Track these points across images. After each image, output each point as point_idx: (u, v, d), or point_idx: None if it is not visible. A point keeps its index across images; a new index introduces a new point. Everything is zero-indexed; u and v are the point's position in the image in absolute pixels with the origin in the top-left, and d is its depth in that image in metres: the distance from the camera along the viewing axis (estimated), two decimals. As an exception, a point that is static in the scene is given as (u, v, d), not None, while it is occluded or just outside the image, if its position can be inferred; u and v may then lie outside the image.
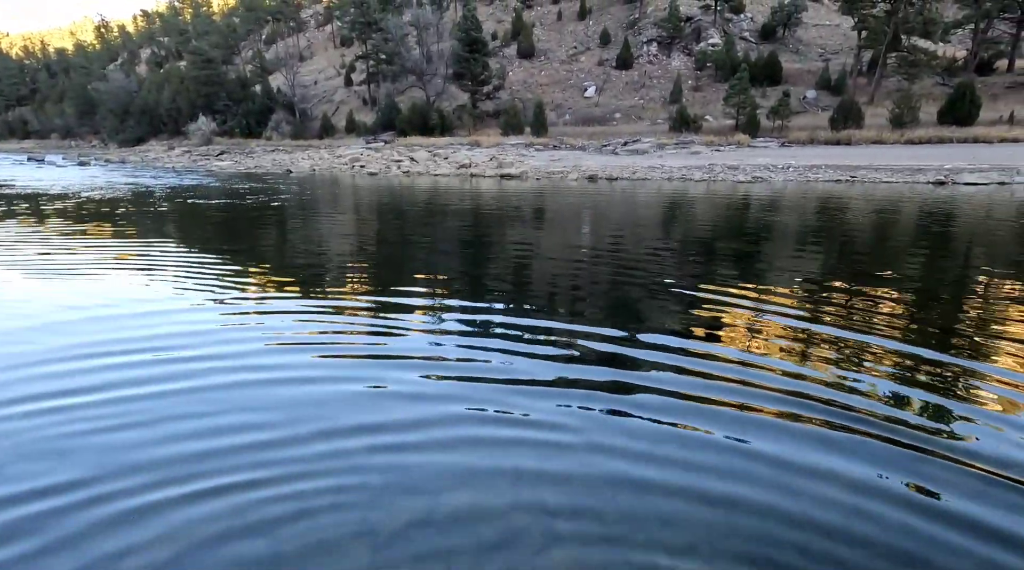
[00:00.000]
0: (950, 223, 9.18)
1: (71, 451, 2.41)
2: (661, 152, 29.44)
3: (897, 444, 2.46)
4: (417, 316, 4.36)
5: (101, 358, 3.38)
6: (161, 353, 3.47)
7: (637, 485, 2.18)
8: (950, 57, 36.40)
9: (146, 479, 2.21)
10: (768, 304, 4.51)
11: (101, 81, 67.78)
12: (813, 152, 25.75)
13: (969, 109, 28.59)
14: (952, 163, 18.06)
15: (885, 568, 1.77)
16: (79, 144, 64.11)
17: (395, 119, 44.31)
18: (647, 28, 50.62)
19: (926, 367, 3.26)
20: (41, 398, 2.88)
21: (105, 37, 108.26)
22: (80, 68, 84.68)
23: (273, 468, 2.29)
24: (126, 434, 2.54)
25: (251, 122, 52.26)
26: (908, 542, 1.89)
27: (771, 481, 2.20)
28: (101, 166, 32.67)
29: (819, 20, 51.54)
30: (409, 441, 2.50)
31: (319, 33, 79.33)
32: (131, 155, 42.91)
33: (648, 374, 3.18)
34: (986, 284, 5.27)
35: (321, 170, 25.73)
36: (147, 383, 3.04)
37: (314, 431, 2.57)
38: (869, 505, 2.06)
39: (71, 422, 2.65)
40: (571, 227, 9.44)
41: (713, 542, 1.89)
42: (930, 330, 3.94)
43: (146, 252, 7.10)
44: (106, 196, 14.49)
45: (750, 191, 14.46)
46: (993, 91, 33.41)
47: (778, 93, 35.48)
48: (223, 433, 2.56)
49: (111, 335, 3.79)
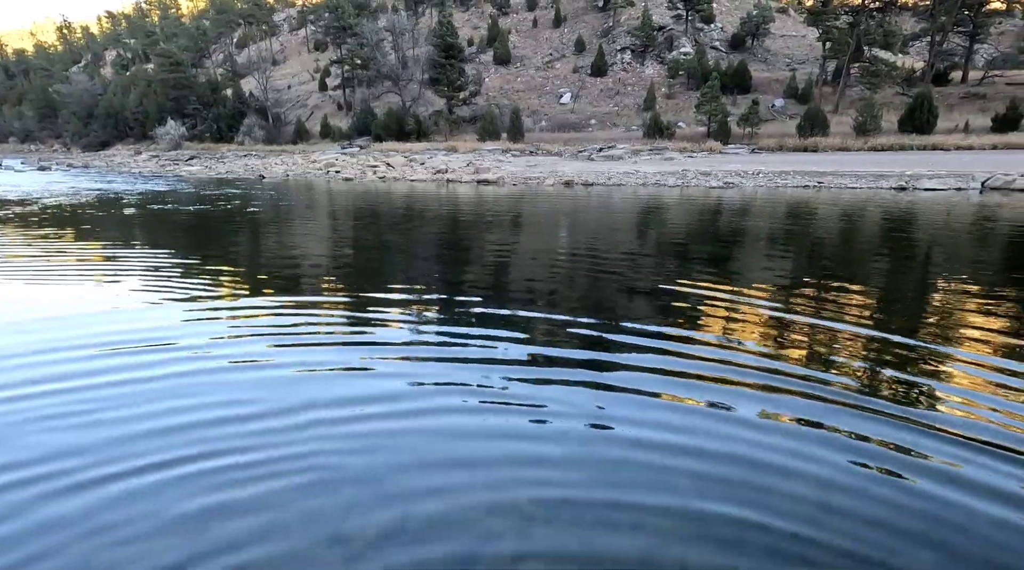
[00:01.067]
0: (911, 227, 9.53)
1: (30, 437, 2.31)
2: (636, 158, 29.87)
3: (874, 412, 2.53)
4: (392, 323, 4.31)
5: (64, 352, 3.26)
6: (115, 349, 3.36)
7: (614, 484, 2.19)
8: (909, 68, 37.96)
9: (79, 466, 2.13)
10: (743, 298, 4.61)
11: (63, 83, 65.67)
12: (782, 158, 26.47)
13: (927, 118, 29.80)
14: (912, 170, 18.77)
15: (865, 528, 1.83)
16: (39, 148, 61.89)
17: (371, 124, 43.99)
18: (621, 36, 51.47)
19: (895, 349, 3.38)
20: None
21: (68, 38, 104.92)
22: (41, 70, 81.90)
23: (245, 484, 2.23)
24: (79, 420, 2.45)
25: (222, 126, 51.21)
26: (891, 502, 1.94)
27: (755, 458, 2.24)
28: (63, 171, 31.57)
29: (786, 31, 53.18)
30: (380, 447, 2.46)
31: (293, 37, 78.35)
32: (95, 160, 41.56)
33: (625, 375, 3.21)
34: (946, 279, 5.48)
35: (295, 175, 25.35)
36: (103, 375, 2.94)
37: (286, 439, 2.51)
38: (848, 474, 2.11)
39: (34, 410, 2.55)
40: (549, 231, 9.49)
41: (686, 549, 1.91)
42: (895, 319, 4.08)
43: (108, 260, 6.88)
44: (68, 202, 14.00)
45: (723, 196, 14.77)
46: (949, 101, 34.91)
47: (748, 101, 36.41)
48: (187, 443, 2.48)
49: (71, 334, 3.65)
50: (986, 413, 2.78)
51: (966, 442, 2.51)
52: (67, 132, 60.16)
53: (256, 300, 4.93)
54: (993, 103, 33.06)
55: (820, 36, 38.50)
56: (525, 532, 1.94)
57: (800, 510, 2.06)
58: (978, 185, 15.62)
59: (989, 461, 2.38)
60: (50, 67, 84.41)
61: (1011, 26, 47.65)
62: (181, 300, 4.84)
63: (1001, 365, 3.35)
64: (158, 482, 2.22)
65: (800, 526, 1.97)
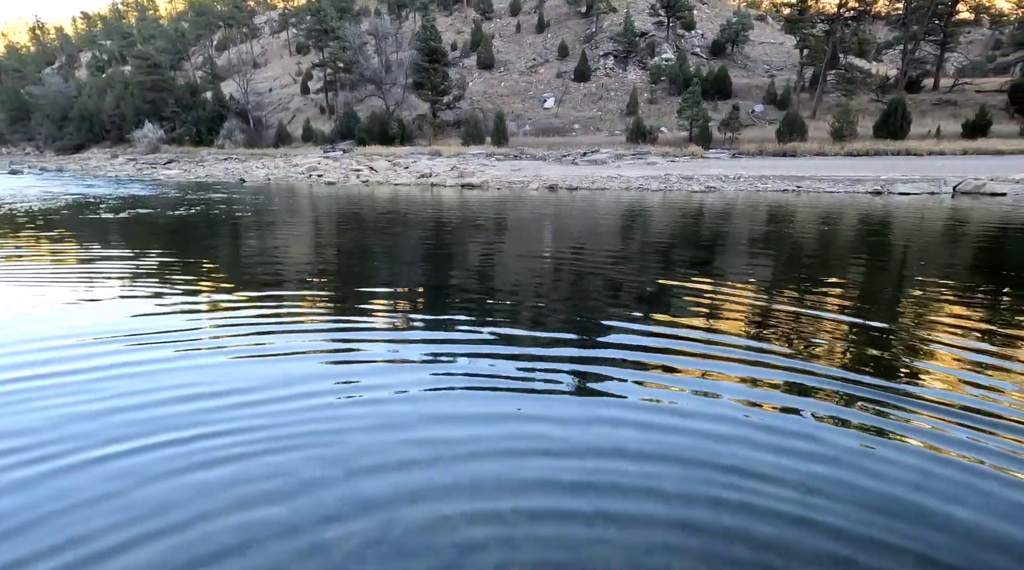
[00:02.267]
0: (888, 230, 9.73)
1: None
2: (619, 162, 30.11)
3: (857, 385, 2.56)
4: (373, 329, 4.26)
5: (44, 343, 3.15)
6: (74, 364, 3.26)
7: (597, 490, 2.17)
8: (883, 75, 38.93)
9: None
10: (727, 299, 4.65)
11: (36, 85, 64.10)
12: (762, 163, 26.90)
13: (901, 123, 30.57)
14: (887, 174, 19.22)
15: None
16: (11, 151, 60.25)
17: (354, 128, 43.67)
18: (603, 42, 51.94)
19: (874, 334, 3.43)
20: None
21: (41, 39, 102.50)
22: (12, 71, 79.74)
23: (219, 493, 2.17)
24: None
25: (202, 130, 50.41)
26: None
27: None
28: (36, 175, 30.77)
29: (765, 38, 54.19)
30: (361, 456, 2.42)
31: (274, 40, 77.55)
32: (70, 163, 40.60)
33: (608, 382, 3.20)
34: (921, 279, 5.60)
35: (277, 179, 25.04)
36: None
37: (261, 449, 2.45)
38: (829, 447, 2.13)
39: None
40: (534, 235, 9.49)
41: (672, 558, 1.89)
42: (874, 317, 4.15)
43: (82, 264, 6.70)
44: (41, 206, 13.62)
45: (704, 200, 14.95)
46: (922, 107, 35.87)
47: (728, 106, 36.97)
48: (164, 453, 2.40)
49: (51, 329, 3.53)
50: (961, 398, 2.92)
51: (943, 421, 2.56)
52: (40, 135, 58.70)
53: (232, 304, 4.82)
54: (963, 110, 34.05)
55: (797, 43, 39.30)
56: (509, 541, 1.91)
57: (785, 515, 2.06)
58: (950, 189, 16.04)
59: (967, 437, 2.53)
60: (22, 68, 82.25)
61: (979, 35, 49.26)
62: (155, 303, 4.72)
63: (976, 358, 3.42)
64: (141, 489, 2.14)
65: (785, 531, 1.98)
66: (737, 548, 1.89)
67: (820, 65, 38.21)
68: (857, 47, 38.18)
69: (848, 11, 37.69)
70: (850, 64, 37.25)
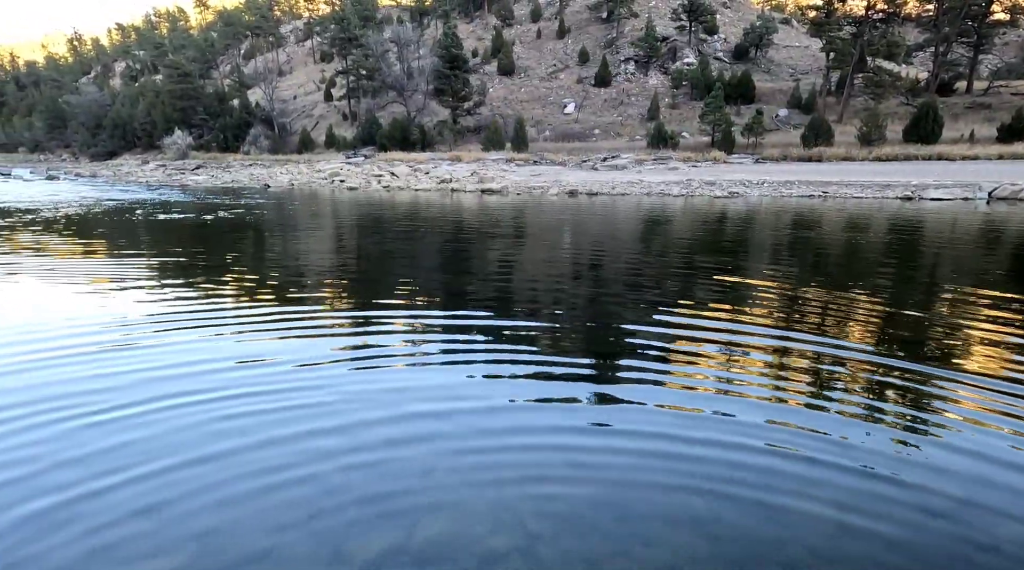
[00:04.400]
0: (919, 236, 9.45)
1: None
2: (640, 168, 29.92)
3: (886, 424, 2.46)
4: (393, 334, 4.27)
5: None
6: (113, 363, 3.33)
7: (620, 502, 2.12)
8: (913, 78, 37.97)
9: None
10: (750, 308, 4.54)
11: (73, 94, 66.53)
12: (786, 168, 26.45)
13: (932, 127, 29.77)
14: (918, 179, 18.70)
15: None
16: (48, 158, 62.55)
17: (376, 134, 44.30)
18: (624, 47, 51.81)
19: (906, 344, 3.31)
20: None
21: (78, 50, 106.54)
22: (51, 81, 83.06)
23: (245, 500, 2.18)
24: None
25: (228, 136, 51.71)
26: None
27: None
28: (71, 180, 31.86)
29: (789, 41, 53.43)
30: (383, 463, 2.41)
31: (299, 48, 79.24)
32: (103, 169, 41.96)
33: (632, 388, 3.15)
34: (953, 289, 5.40)
35: (300, 185, 25.48)
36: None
37: (284, 451, 2.46)
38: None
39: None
40: (552, 240, 9.45)
41: (698, 569, 1.84)
42: (903, 329, 4.01)
43: (115, 265, 6.87)
44: (76, 211, 14.08)
45: (727, 206, 14.73)
46: (954, 111, 34.91)
47: (752, 111, 36.50)
48: (185, 457, 2.43)
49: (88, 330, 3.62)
50: (1002, 407, 2.80)
51: (980, 456, 2.44)
52: (76, 142, 60.86)
53: (256, 305, 4.89)
54: (998, 113, 33.02)
55: (823, 47, 38.63)
56: (530, 552, 1.87)
57: (817, 528, 1.99)
58: (985, 195, 15.53)
59: (1009, 445, 2.38)
60: (60, 78, 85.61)
61: (1015, 36, 47.75)
62: (177, 302, 4.81)
63: (1017, 369, 3.27)
64: (164, 493, 2.17)
65: (820, 543, 1.90)
66: (768, 563, 1.83)
67: (847, 68, 37.47)
68: (886, 50, 37.31)
69: (877, 13, 36.92)
70: (878, 67, 36.44)
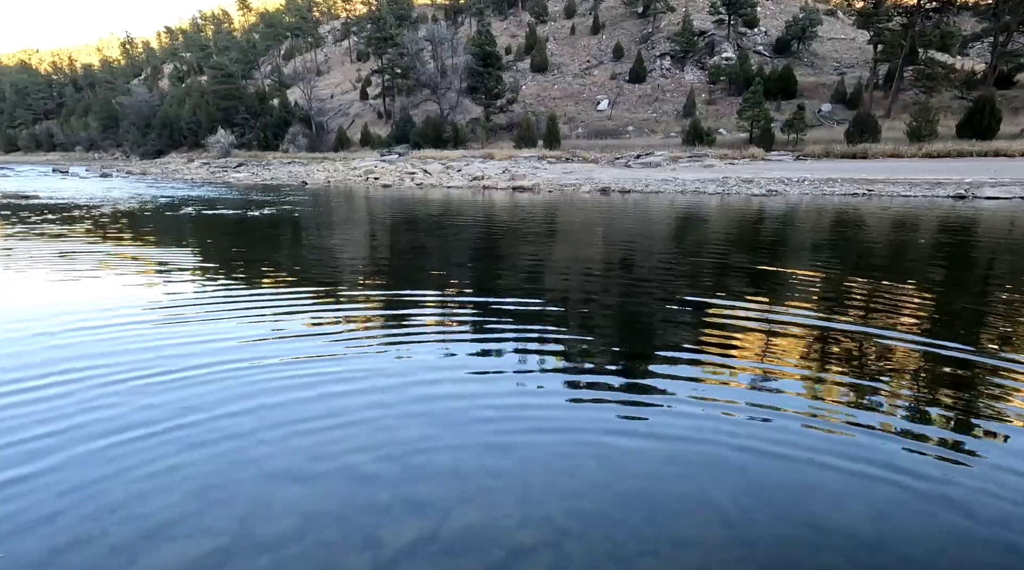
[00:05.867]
0: (972, 238, 8.98)
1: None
2: (674, 165, 29.38)
3: (929, 436, 2.37)
4: (424, 331, 4.33)
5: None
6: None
7: (650, 500, 2.11)
8: (968, 70, 36.01)
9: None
10: (788, 309, 4.42)
11: (125, 95, 69.74)
12: (829, 166, 25.52)
13: (989, 122, 28.20)
14: (973, 177, 17.75)
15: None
16: (102, 156, 65.76)
17: (409, 132, 44.88)
18: (660, 42, 50.92)
19: (953, 353, 3.16)
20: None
21: (130, 53, 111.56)
22: (105, 83, 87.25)
23: (282, 482, 2.26)
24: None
25: (268, 135, 53.28)
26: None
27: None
28: (123, 178, 33.42)
29: (834, 34, 51.47)
30: (416, 454, 2.45)
31: (336, 48, 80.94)
32: (152, 167, 43.86)
33: (663, 383, 3.11)
34: (1011, 296, 5.12)
35: (336, 182, 26.05)
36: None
37: (319, 440, 2.54)
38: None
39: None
40: (583, 238, 9.40)
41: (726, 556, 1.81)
42: (954, 336, 3.82)
43: (168, 258, 7.20)
44: (128, 207, 14.79)
45: (765, 204, 14.33)
46: (1014, 105, 32.99)
47: (793, 106, 35.35)
48: (222, 447, 2.54)
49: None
50: None
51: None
52: (127, 141, 63.77)
53: (293, 297, 5.04)
54: (1063, 107, 31.01)
55: (871, 39, 37.07)
56: (558, 548, 1.88)
57: (855, 535, 1.93)
58: (1047, 193, 14.62)
59: None
60: (113, 80, 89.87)
61: (1084, 24, 44.60)
62: (218, 292, 5.00)
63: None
64: (209, 465, 2.27)
65: (855, 551, 1.85)
66: (802, 565, 1.78)
67: (896, 61, 35.87)
68: (939, 40, 35.54)
69: (930, 2, 35.17)
70: (931, 59, 34.74)
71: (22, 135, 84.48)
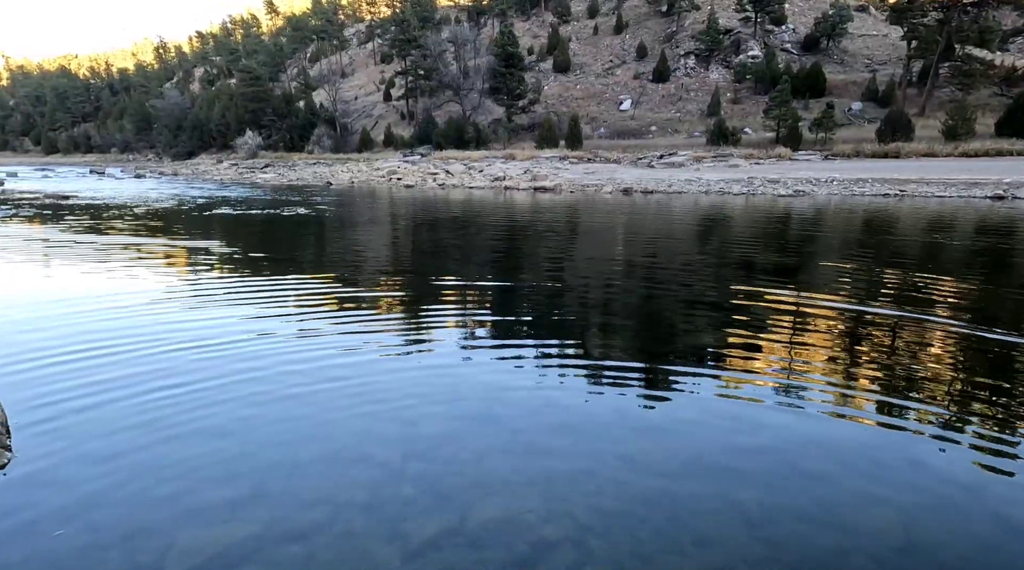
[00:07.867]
0: (1010, 239, 8.67)
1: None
2: (698, 165, 29.00)
3: (957, 440, 2.31)
4: (448, 328, 4.38)
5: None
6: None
7: (673, 499, 2.11)
8: (1009, 66, 34.61)
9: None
10: (812, 313, 4.34)
11: (158, 99, 71.79)
12: (859, 165, 24.88)
13: (1030, 120, 27.11)
14: (1012, 177, 17.10)
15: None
16: (136, 158, 67.84)
17: (432, 133, 45.22)
18: (685, 41, 50.28)
19: (989, 357, 3.07)
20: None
21: (163, 57, 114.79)
22: (139, 86, 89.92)
23: (309, 475, 2.33)
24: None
25: (294, 136, 54.26)
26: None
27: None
28: (156, 178, 34.48)
29: (866, 30, 50.09)
30: (441, 448, 2.50)
31: (361, 51, 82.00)
32: (183, 168, 45.13)
33: (686, 384, 3.10)
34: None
35: (359, 183, 26.42)
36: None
37: (346, 431, 2.60)
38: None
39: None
40: (604, 238, 9.36)
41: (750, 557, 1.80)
42: (986, 343, 3.71)
43: (200, 255, 7.43)
44: (162, 206, 15.26)
45: (792, 205, 14.05)
46: (1057, 101, 31.54)
47: (821, 105, 34.50)
48: (251, 437, 2.62)
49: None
50: None
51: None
52: (159, 143, 65.66)
53: (318, 290, 5.15)
54: (1111, 103, 29.57)
55: (905, 35, 35.96)
56: (581, 543, 1.90)
57: (883, 538, 1.90)
58: (1092, 194, 14.01)
59: None
60: (147, 84, 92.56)
61: None
62: (246, 285, 5.14)
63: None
64: (239, 455, 2.35)
65: (883, 554, 1.82)
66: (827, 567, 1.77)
67: (931, 57, 34.73)
68: (977, 36, 34.21)
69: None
70: (968, 55, 33.46)
71: (61, 138, 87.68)
